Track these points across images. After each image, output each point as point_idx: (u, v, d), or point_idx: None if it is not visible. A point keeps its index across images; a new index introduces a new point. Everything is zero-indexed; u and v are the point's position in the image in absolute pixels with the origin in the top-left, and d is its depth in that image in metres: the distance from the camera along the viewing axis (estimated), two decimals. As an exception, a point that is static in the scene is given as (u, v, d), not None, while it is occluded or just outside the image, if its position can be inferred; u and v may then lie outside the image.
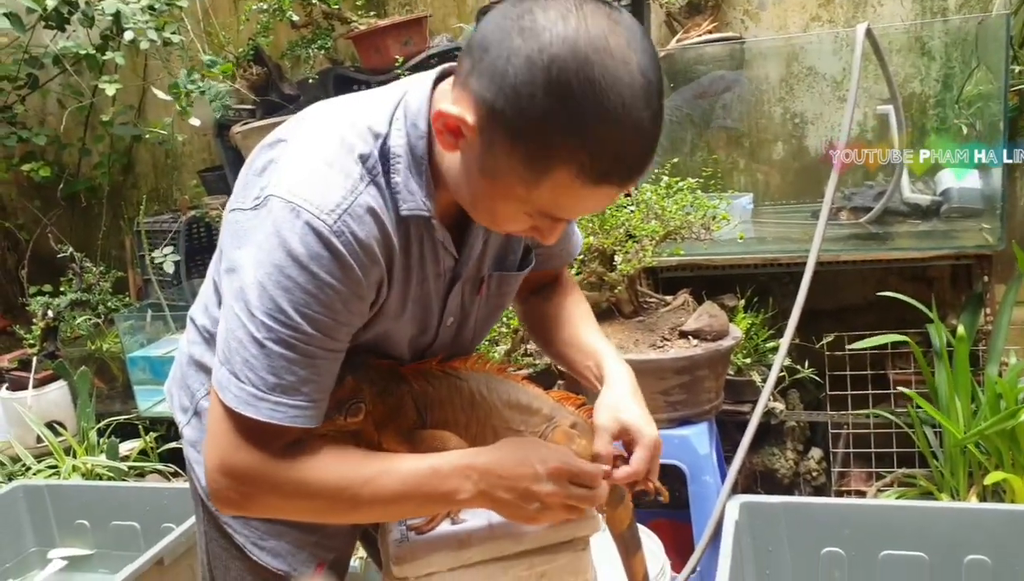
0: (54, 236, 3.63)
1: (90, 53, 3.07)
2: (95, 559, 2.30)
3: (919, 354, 2.26)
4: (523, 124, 0.80)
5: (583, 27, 0.78)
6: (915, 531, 1.78)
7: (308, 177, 0.88)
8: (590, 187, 0.83)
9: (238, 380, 0.88)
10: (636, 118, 0.80)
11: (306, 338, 0.87)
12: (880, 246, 2.60)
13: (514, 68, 0.79)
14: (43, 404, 3.07)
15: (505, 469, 0.94)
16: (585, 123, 0.79)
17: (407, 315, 1.03)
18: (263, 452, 0.90)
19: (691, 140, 3.08)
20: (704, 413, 2.12)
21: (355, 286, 0.88)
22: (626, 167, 0.84)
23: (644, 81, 0.80)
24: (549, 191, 0.84)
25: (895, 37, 2.80)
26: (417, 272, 1.00)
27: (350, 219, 0.87)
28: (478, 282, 1.11)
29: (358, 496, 0.91)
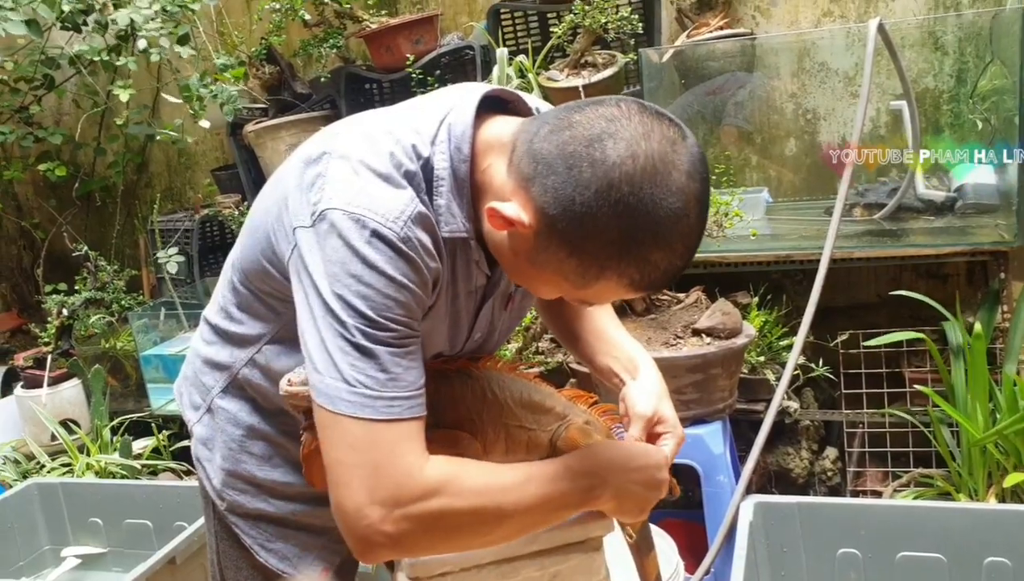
0: (69, 235, 3.65)
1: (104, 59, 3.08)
2: (108, 557, 2.32)
3: (935, 352, 2.24)
4: (582, 243, 0.85)
5: (650, 163, 0.83)
6: (933, 532, 1.76)
7: (367, 190, 0.90)
8: (632, 292, 0.91)
9: (349, 385, 0.86)
10: (688, 245, 0.87)
11: (395, 334, 0.88)
12: (894, 243, 2.57)
13: (581, 197, 0.83)
14: (57, 402, 3.09)
15: (633, 461, 1.00)
16: (642, 252, 0.85)
17: (440, 328, 1.04)
18: (411, 469, 0.86)
19: (703, 137, 3.06)
20: (718, 412, 2.11)
21: (424, 286, 0.91)
22: (669, 280, 0.92)
23: (699, 209, 0.86)
24: (594, 292, 0.91)
25: (908, 32, 2.78)
26: (451, 287, 1.01)
27: (413, 225, 0.89)
28: (506, 298, 1.13)
29: (517, 500, 0.90)
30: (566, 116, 0.87)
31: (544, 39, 2.94)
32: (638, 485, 0.99)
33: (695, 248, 0.89)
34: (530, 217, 0.87)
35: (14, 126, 3.38)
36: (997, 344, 2.39)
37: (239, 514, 1.20)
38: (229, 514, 1.20)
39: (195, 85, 2.94)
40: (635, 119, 0.85)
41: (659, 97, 2.88)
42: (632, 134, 0.84)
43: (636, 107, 0.87)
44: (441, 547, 0.93)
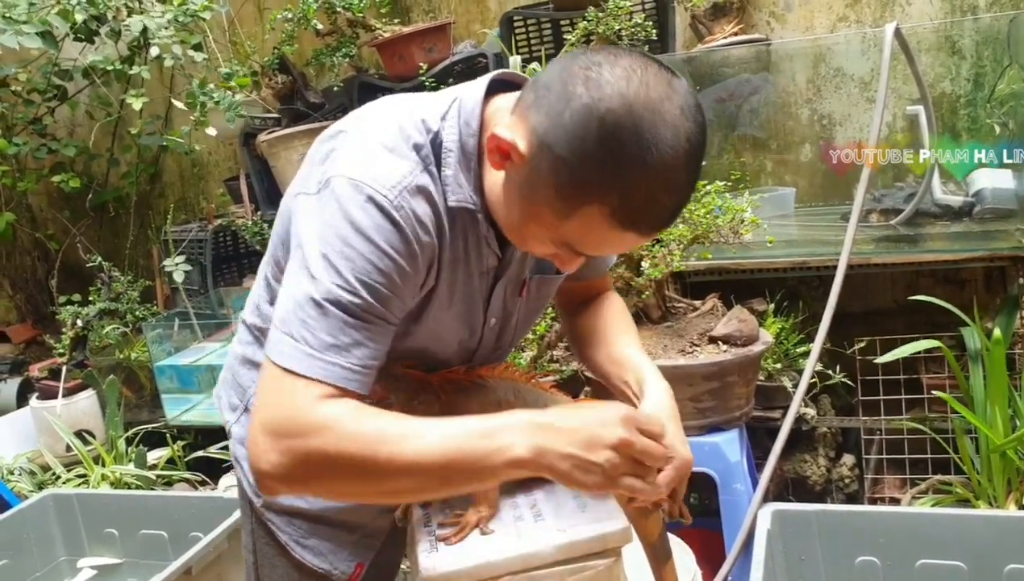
0: (83, 246, 3.68)
1: (117, 68, 3.10)
2: (124, 568, 2.31)
3: (952, 359, 2.22)
4: (568, 159, 0.84)
5: (643, 89, 0.83)
6: (953, 540, 1.73)
7: (369, 158, 0.93)
8: (616, 231, 0.88)
9: (293, 340, 0.88)
10: (673, 177, 0.85)
11: (364, 304, 0.89)
12: (912, 248, 2.55)
13: (571, 111, 0.84)
14: (72, 413, 3.10)
15: (568, 418, 0.88)
16: (624, 171, 0.83)
17: (455, 310, 1.05)
18: (305, 406, 0.86)
19: (718, 143, 3.05)
20: (734, 420, 2.09)
21: (411, 259, 0.92)
22: (654, 219, 0.88)
23: (688, 147, 0.85)
24: (577, 225, 0.88)
25: (924, 36, 2.76)
26: (463, 266, 1.03)
27: (408, 195, 0.92)
28: (519, 284, 1.13)
29: (400, 452, 0.84)
30: (571, 55, 0.90)
31: (558, 46, 2.94)
32: (572, 444, 0.86)
33: (682, 191, 0.88)
34: (524, 142, 0.88)
35: (28, 138, 3.41)
36: (1016, 350, 2.36)
37: (275, 511, 1.21)
38: (265, 511, 1.21)
39: (197, 92, 2.95)
40: (635, 56, 0.87)
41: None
42: (630, 63, 0.85)
43: (639, 53, 0.88)
44: (329, 487, 0.90)
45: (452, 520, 1.00)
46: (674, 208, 0.89)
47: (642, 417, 0.91)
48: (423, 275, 0.96)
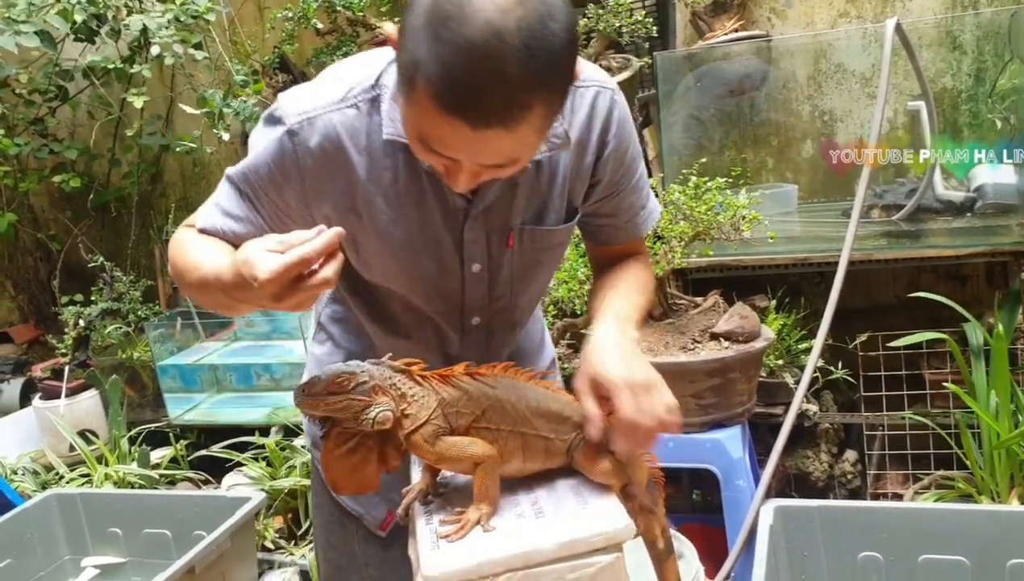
0: (85, 246, 3.68)
1: (118, 67, 3.10)
2: (128, 567, 2.32)
3: (957, 353, 2.21)
4: (404, 32, 0.87)
5: None
6: (955, 535, 1.73)
7: (299, 92, 1.06)
8: (443, 116, 0.85)
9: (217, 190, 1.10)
10: (496, 63, 0.82)
11: (242, 189, 1.06)
12: (913, 244, 2.55)
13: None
14: (75, 413, 3.10)
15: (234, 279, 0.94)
16: (442, 44, 0.82)
17: (413, 246, 1.09)
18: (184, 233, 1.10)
19: (719, 139, 3.05)
20: (736, 416, 2.09)
21: (288, 176, 1.03)
22: (475, 104, 0.84)
23: (520, 35, 0.82)
24: (416, 111, 0.88)
25: (925, 31, 2.76)
26: (413, 201, 1.07)
27: (309, 127, 1.02)
28: (505, 231, 1.13)
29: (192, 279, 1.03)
30: None
31: (557, 44, 2.94)
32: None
33: (510, 82, 0.83)
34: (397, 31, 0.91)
35: (29, 138, 3.41)
36: (1018, 345, 2.36)
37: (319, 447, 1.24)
38: (314, 449, 1.30)
39: (218, 104, 2.95)
40: None
41: (674, 100, 2.87)
42: None
43: None
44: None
45: (453, 517, 1.00)
46: (502, 99, 0.84)
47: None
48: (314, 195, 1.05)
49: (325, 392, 0.95)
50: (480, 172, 0.95)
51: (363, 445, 1.00)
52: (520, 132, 0.88)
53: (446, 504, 1.06)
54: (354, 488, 1.03)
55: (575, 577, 0.95)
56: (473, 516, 0.99)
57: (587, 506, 1.02)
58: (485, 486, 1.01)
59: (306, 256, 0.86)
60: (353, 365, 0.98)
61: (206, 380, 3.15)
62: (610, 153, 1.16)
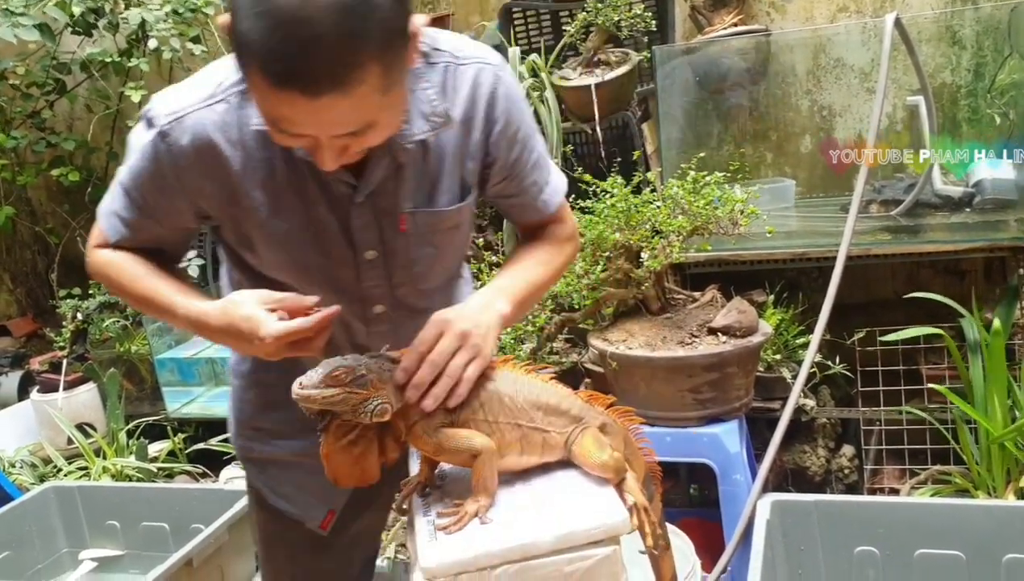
0: (83, 239, 3.67)
1: (116, 60, 3.09)
2: (126, 560, 2.32)
3: (954, 348, 2.22)
4: (233, 18, 0.86)
5: None
6: (952, 529, 1.74)
7: (169, 93, 1.07)
8: (276, 90, 0.86)
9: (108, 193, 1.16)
10: (309, 26, 0.82)
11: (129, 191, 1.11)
12: (911, 239, 2.55)
13: None
14: (73, 406, 3.10)
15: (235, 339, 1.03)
16: (262, 19, 0.83)
17: (302, 237, 1.09)
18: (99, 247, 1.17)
19: (718, 134, 3.05)
20: (734, 411, 2.09)
21: (166, 177, 1.06)
22: (301, 72, 0.84)
23: (315, 24, 0.82)
24: (256, 93, 0.90)
25: (924, 26, 2.76)
26: (296, 195, 1.07)
27: (179, 128, 1.03)
28: (396, 216, 1.12)
29: (156, 307, 1.13)
30: None
31: (557, 38, 2.94)
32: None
33: (328, 46, 0.83)
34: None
35: (27, 131, 3.41)
36: (1016, 340, 2.36)
37: (251, 460, 1.31)
38: (244, 462, 1.33)
39: None
40: None
41: (672, 94, 2.87)
42: None
43: None
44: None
45: (451, 510, 1.00)
46: (326, 62, 0.84)
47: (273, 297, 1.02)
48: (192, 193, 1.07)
49: (322, 386, 0.95)
50: (342, 145, 0.94)
51: (363, 437, 1.00)
52: (359, 93, 0.86)
53: (444, 496, 1.07)
54: (356, 480, 1.03)
55: (572, 569, 0.96)
56: (471, 508, 0.99)
57: (584, 499, 1.02)
58: (483, 478, 1.01)
59: (306, 329, 0.98)
60: (350, 359, 0.98)
61: (204, 374, 3.15)
62: (500, 131, 1.14)
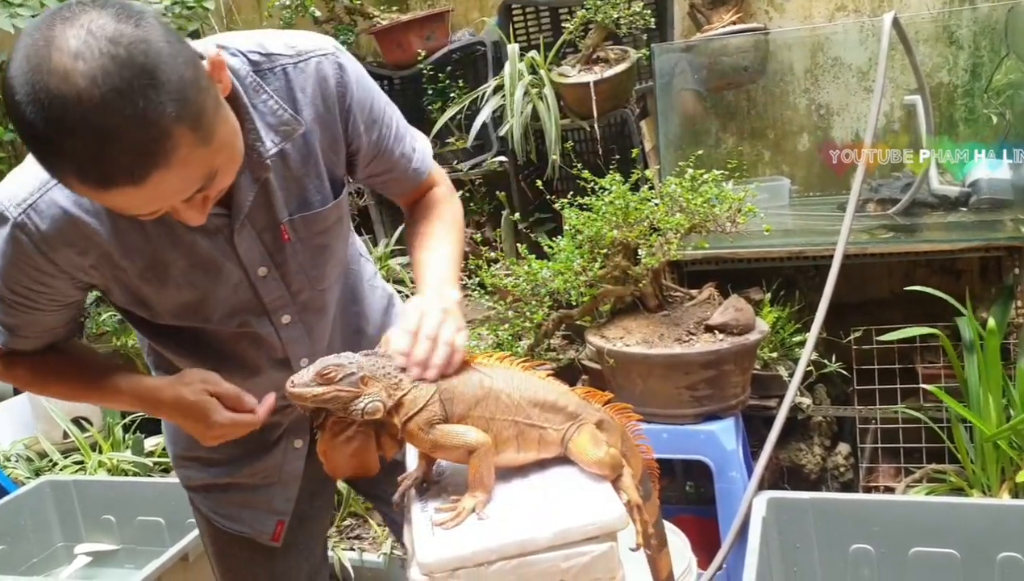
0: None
1: (114, 52, 3.09)
2: (121, 554, 2.32)
3: (949, 347, 2.22)
4: (18, 114, 0.80)
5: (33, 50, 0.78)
6: (946, 528, 1.75)
7: (9, 183, 1.01)
8: (102, 192, 0.83)
9: None
10: (99, 130, 0.78)
11: (8, 298, 1.06)
12: (908, 238, 2.56)
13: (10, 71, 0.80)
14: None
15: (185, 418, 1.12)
16: (50, 126, 0.78)
17: (187, 276, 1.09)
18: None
19: (716, 132, 3.05)
20: (730, 408, 2.10)
21: (39, 266, 1.02)
22: (114, 172, 0.81)
23: (100, 92, 0.77)
24: (82, 193, 0.87)
25: (922, 26, 2.76)
26: (170, 242, 1.06)
27: (35, 214, 0.99)
28: (277, 228, 1.12)
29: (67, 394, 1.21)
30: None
31: (556, 35, 2.94)
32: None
33: (116, 132, 0.79)
34: None
35: (25, 124, 3.40)
36: (1011, 339, 2.37)
37: (193, 488, 1.36)
38: (187, 490, 1.37)
39: None
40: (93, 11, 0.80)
41: (671, 91, 2.87)
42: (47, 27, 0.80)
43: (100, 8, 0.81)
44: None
45: (448, 506, 1.01)
46: (130, 154, 0.80)
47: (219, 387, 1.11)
48: (73, 271, 1.04)
49: (313, 384, 0.95)
50: (199, 200, 0.93)
51: (360, 432, 1.00)
52: (179, 159, 0.84)
53: (441, 492, 1.07)
54: (356, 473, 1.04)
55: (569, 566, 0.96)
56: (468, 504, 1.00)
57: (581, 495, 1.02)
58: (480, 474, 1.01)
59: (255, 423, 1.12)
60: (343, 357, 0.99)
61: (201, 368, 3.15)
62: (355, 116, 1.14)
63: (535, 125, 2.76)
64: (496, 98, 2.79)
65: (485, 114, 2.79)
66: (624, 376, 2.10)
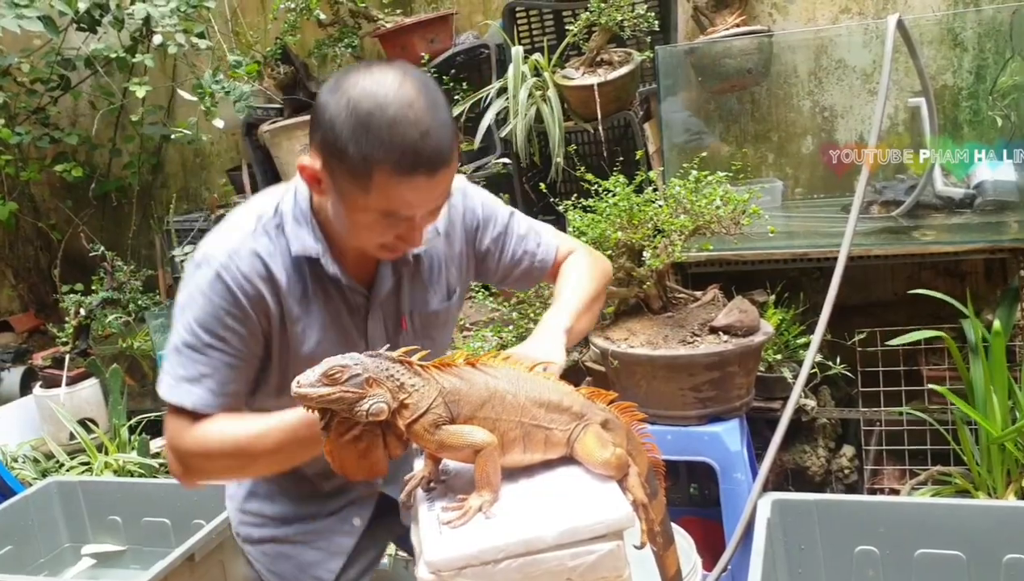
0: (85, 235, 3.68)
1: (120, 56, 3.10)
2: (127, 555, 2.33)
3: (955, 349, 2.22)
4: (342, 148, 1.05)
5: (374, 83, 1.06)
6: (952, 530, 1.74)
7: (216, 235, 1.22)
8: (407, 179, 1.06)
9: (166, 375, 1.18)
10: (420, 128, 1.04)
11: (203, 342, 1.16)
12: (912, 240, 2.55)
13: (330, 114, 1.07)
14: (76, 401, 3.11)
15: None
16: (380, 132, 1.04)
17: (326, 341, 1.24)
18: (187, 429, 1.16)
19: (719, 134, 3.05)
20: (735, 410, 2.10)
21: (239, 307, 1.16)
22: (424, 156, 1.05)
23: (424, 110, 1.05)
24: (378, 192, 1.07)
25: (926, 28, 2.76)
26: (323, 307, 1.24)
27: (237, 258, 1.17)
28: (397, 317, 1.31)
29: (250, 454, 1.15)
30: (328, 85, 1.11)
31: (560, 37, 2.94)
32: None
33: (431, 130, 1.05)
34: (318, 160, 1.10)
35: (31, 127, 3.41)
36: (1016, 341, 2.37)
37: (250, 542, 1.43)
38: (244, 544, 1.44)
39: (207, 82, 2.95)
40: (379, 67, 1.08)
41: (675, 94, 2.88)
42: (364, 72, 1.08)
43: (382, 64, 1.10)
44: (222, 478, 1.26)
45: (456, 505, 1.01)
46: (434, 147, 1.05)
47: None
48: (259, 319, 1.18)
49: (318, 385, 0.96)
50: (426, 221, 1.15)
51: (367, 432, 1.00)
52: (453, 167, 1.10)
53: (448, 491, 1.07)
54: (364, 472, 1.04)
55: (576, 564, 0.96)
56: (475, 503, 1.00)
57: (588, 494, 1.03)
58: (486, 473, 1.02)
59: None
60: (348, 358, 0.99)
61: (206, 370, 3.16)
62: (482, 230, 1.38)
63: (539, 127, 2.76)
64: (500, 100, 2.80)
65: (489, 117, 2.80)
66: (628, 377, 2.10)
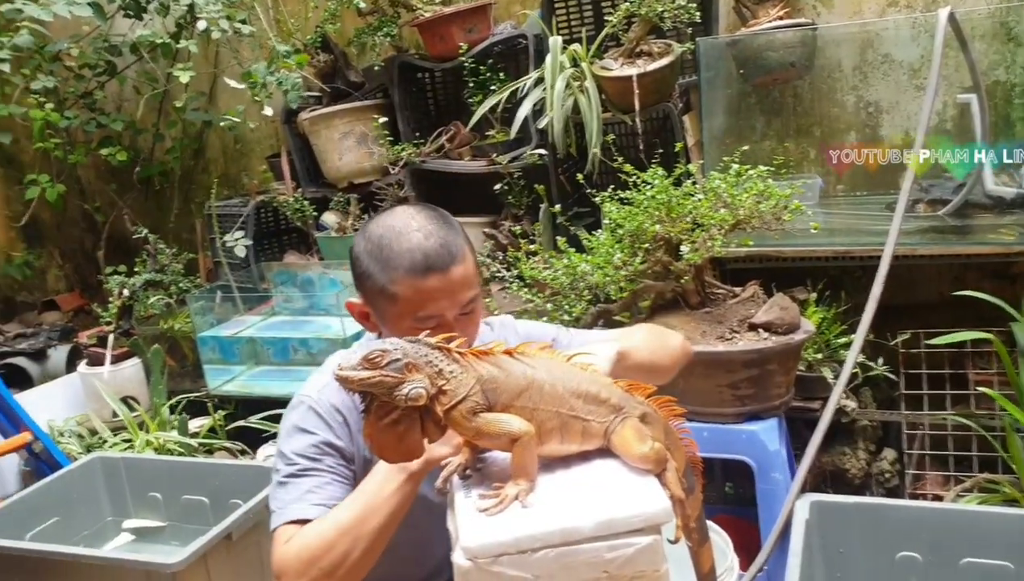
0: (129, 218, 3.75)
1: (165, 42, 3.15)
2: (167, 531, 2.37)
3: (1004, 353, 2.16)
4: (370, 274, 1.28)
5: (388, 216, 1.31)
6: (1000, 539, 1.69)
7: (314, 377, 1.39)
8: (421, 280, 1.24)
9: (273, 509, 1.26)
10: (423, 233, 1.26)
11: (303, 468, 1.27)
12: (959, 240, 2.49)
13: (357, 252, 1.31)
14: (118, 380, 3.17)
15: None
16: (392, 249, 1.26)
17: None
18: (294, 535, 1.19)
19: (761, 128, 3.01)
20: (773, 408, 2.07)
21: (329, 429, 1.30)
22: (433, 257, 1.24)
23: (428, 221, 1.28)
24: (404, 299, 1.25)
25: (978, 22, 2.68)
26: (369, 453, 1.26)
27: (328, 391, 1.32)
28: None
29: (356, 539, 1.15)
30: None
31: (598, 28, 2.91)
32: None
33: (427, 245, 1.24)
34: (360, 294, 1.33)
35: (78, 111, 3.48)
36: (1067, 347, 2.30)
37: None
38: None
39: (262, 73, 2.99)
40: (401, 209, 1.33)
41: (716, 86, 2.84)
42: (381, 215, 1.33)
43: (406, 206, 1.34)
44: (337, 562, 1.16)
45: (492, 492, 1.01)
46: (440, 243, 1.25)
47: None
48: (349, 446, 1.31)
49: (359, 368, 0.97)
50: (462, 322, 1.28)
51: (407, 416, 1.01)
52: (467, 261, 1.28)
53: (484, 479, 1.07)
54: (402, 455, 1.05)
55: (613, 557, 0.95)
56: (511, 492, 1.00)
57: (626, 487, 1.02)
58: (523, 462, 1.01)
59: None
60: (388, 342, 1.00)
61: (244, 352, 3.19)
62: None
63: (575, 118, 2.73)
64: (537, 91, 2.78)
65: (526, 107, 2.78)
66: (665, 372, 2.08)
